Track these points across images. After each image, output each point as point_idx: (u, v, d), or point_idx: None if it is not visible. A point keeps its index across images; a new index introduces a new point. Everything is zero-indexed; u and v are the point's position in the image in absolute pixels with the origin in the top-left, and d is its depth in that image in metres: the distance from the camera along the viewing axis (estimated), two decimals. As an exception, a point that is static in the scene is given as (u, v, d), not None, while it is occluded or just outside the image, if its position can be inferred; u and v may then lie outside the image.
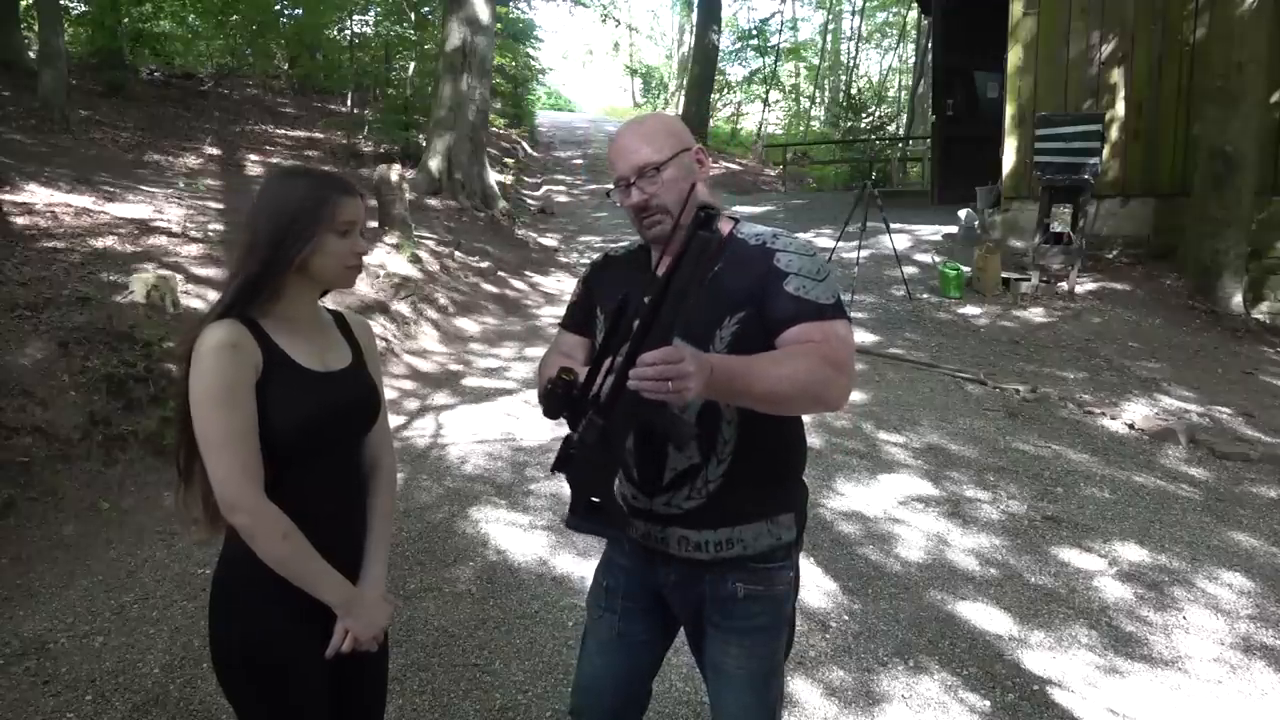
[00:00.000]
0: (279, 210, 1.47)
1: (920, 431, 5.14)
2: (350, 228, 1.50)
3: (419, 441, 4.88)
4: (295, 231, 1.45)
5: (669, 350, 1.23)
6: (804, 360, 1.41)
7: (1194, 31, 8.79)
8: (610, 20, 27.24)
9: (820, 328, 1.46)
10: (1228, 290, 7.94)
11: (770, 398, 1.39)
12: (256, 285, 1.46)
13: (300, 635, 1.51)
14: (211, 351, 1.41)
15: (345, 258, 1.51)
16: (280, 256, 1.46)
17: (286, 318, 1.51)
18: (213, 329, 1.43)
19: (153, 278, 5.13)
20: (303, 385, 1.48)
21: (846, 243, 8.88)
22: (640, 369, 1.22)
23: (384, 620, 1.59)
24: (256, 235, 1.47)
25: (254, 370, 1.43)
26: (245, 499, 1.41)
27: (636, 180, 1.54)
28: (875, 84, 32.02)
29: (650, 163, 1.53)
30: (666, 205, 1.53)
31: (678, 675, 2.77)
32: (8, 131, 8.79)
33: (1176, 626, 3.19)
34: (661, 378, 1.21)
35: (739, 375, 1.35)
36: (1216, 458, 4.88)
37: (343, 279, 1.54)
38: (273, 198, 1.48)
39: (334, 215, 1.47)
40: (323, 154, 12.48)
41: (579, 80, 51.73)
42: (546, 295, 9.05)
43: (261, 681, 1.49)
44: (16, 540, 3.46)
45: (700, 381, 1.25)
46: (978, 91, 12.93)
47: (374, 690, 1.70)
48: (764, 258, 1.54)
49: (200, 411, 1.41)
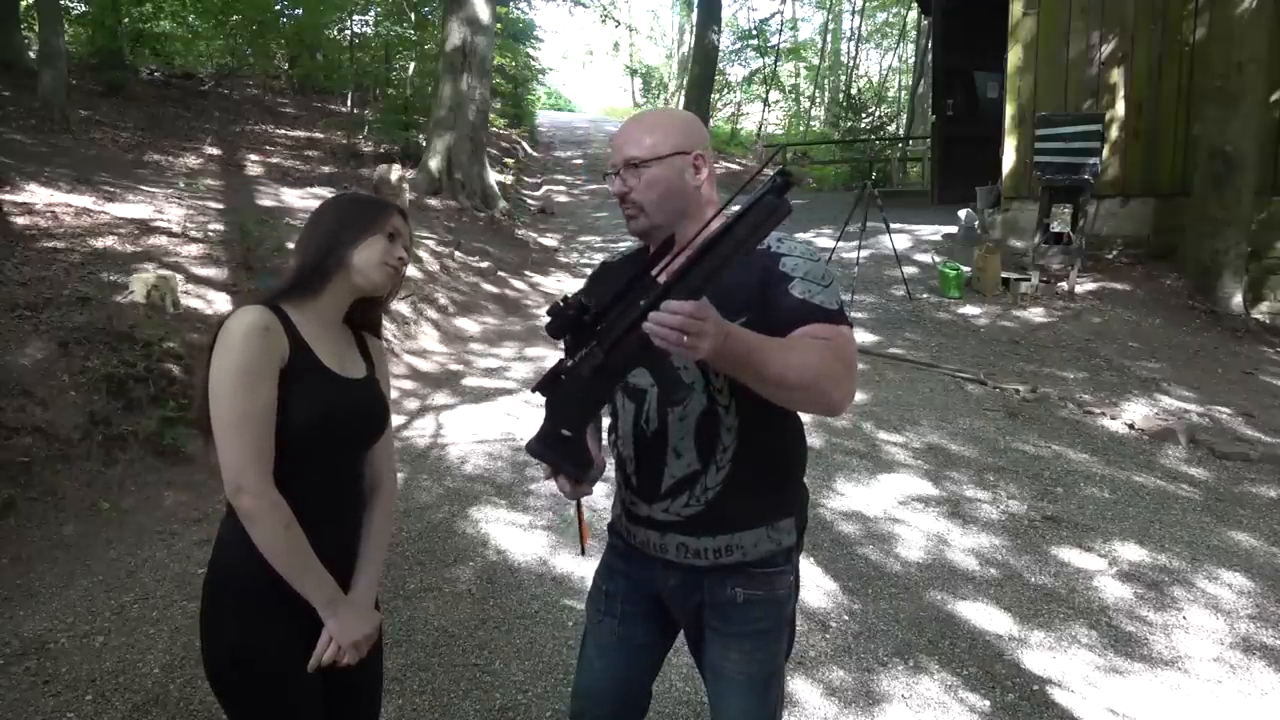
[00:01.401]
0: (339, 215, 1.58)
1: (920, 431, 5.14)
2: (397, 234, 1.59)
3: (419, 441, 4.88)
4: (351, 228, 1.55)
5: (697, 305, 1.19)
6: (816, 353, 1.38)
7: (1194, 31, 8.79)
8: (610, 20, 27.17)
9: (826, 332, 1.45)
10: (1228, 290, 7.94)
11: (779, 381, 1.35)
12: (309, 274, 1.53)
13: (291, 642, 1.50)
14: (240, 333, 1.42)
15: (387, 256, 1.57)
16: (335, 246, 1.54)
17: (317, 317, 1.54)
18: (244, 311, 1.45)
19: (153, 278, 5.13)
20: (323, 383, 1.50)
21: (846, 243, 8.88)
22: (661, 314, 1.19)
23: (367, 629, 1.55)
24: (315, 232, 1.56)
25: (280, 358, 1.45)
26: (252, 482, 1.41)
27: (621, 170, 1.54)
28: (875, 84, 32.01)
29: (635, 157, 1.53)
30: (641, 202, 1.53)
31: (678, 675, 2.77)
32: (8, 131, 8.78)
33: (1176, 626, 3.19)
34: (681, 329, 1.18)
35: (754, 350, 1.31)
36: (1216, 458, 4.88)
37: (377, 275, 1.57)
38: (333, 208, 1.60)
39: (386, 222, 1.58)
40: (323, 154, 12.47)
41: (579, 80, 51.83)
42: (546, 295, 9.05)
43: (254, 686, 1.49)
44: (16, 540, 3.46)
45: (714, 344, 1.22)
46: (978, 91, 12.93)
47: (368, 697, 1.69)
48: (768, 260, 1.52)
49: (219, 391, 1.42)
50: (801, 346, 1.40)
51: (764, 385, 1.36)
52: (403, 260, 1.60)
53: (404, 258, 1.60)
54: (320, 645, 1.50)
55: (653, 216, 1.55)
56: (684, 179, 1.55)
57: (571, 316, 1.35)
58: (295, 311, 1.51)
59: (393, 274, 1.59)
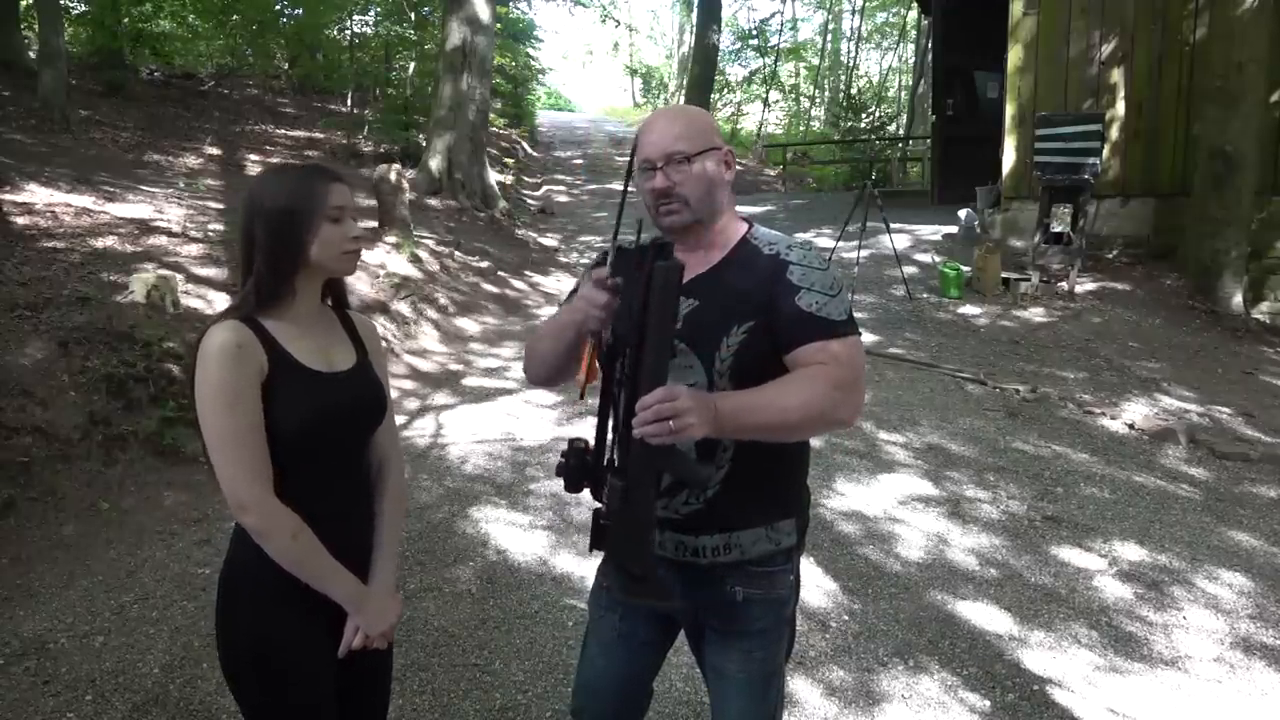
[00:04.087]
0: (271, 209, 1.47)
1: (920, 431, 5.14)
2: (341, 213, 1.50)
3: (419, 441, 4.88)
4: (293, 227, 1.46)
5: (662, 391, 1.26)
6: (811, 387, 1.41)
7: (1194, 31, 8.79)
8: (610, 20, 27.21)
9: (832, 348, 1.46)
10: (1228, 290, 7.94)
11: (785, 426, 1.42)
12: (270, 287, 1.47)
13: (308, 636, 1.51)
14: (216, 353, 1.41)
15: (341, 243, 1.51)
16: (287, 254, 1.47)
17: (291, 318, 1.51)
18: (217, 330, 1.44)
19: (153, 278, 5.13)
20: (307, 386, 1.49)
21: (846, 243, 8.88)
22: (639, 414, 1.25)
23: (394, 617, 1.60)
24: (256, 238, 1.48)
25: (259, 371, 1.44)
26: (253, 499, 1.41)
27: (664, 165, 1.52)
28: (875, 84, 32.00)
29: (681, 151, 1.52)
30: (687, 197, 1.53)
31: (678, 675, 2.77)
32: (8, 131, 8.78)
33: (1176, 626, 3.19)
34: (660, 418, 1.24)
35: (746, 410, 1.38)
36: (1216, 458, 4.88)
37: (342, 264, 1.54)
38: (263, 199, 1.48)
39: (325, 203, 1.48)
40: (323, 154, 12.48)
41: (579, 80, 51.82)
42: (546, 295, 9.05)
43: (270, 682, 1.49)
44: (16, 540, 3.46)
45: (703, 418, 1.29)
46: (978, 91, 12.92)
47: (379, 689, 1.70)
48: (776, 269, 1.52)
49: (206, 412, 1.42)
50: (800, 382, 1.43)
51: (774, 435, 1.44)
52: (359, 238, 1.55)
53: (359, 235, 1.55)
54: (348, 633, 1.53)
55: (696, 210, 1.54)
56: (720, 175, 1.57)
57: (575, 466, 1.41)
58: (269, 318, 1.49)
59: (355, 254, 1.55)
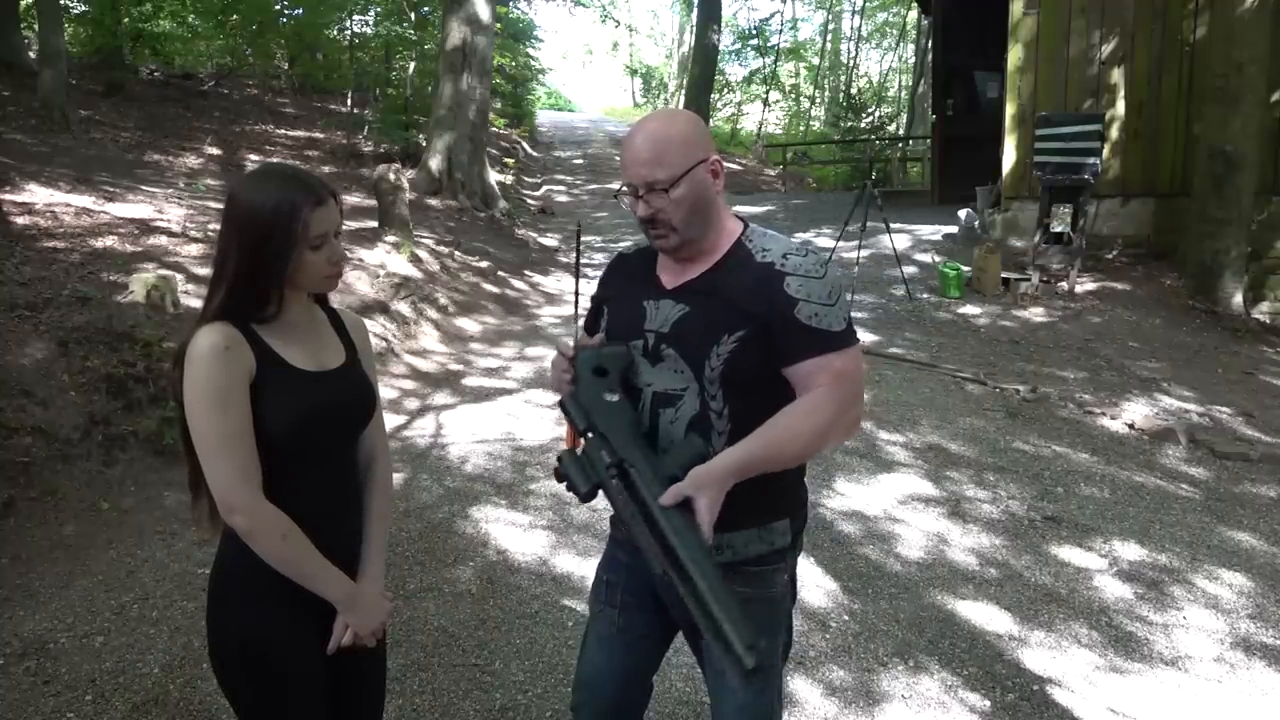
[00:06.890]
0: (252, 224, 1.43)
1: (920, 431, 5.14)
2: (323, 240, 1.46)
3: (419, 441, 4.88)
4: (271, 251, 1.43)
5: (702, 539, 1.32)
6: (819, 417, 1.46)
7: (1194, 31, 8.79)
8: (610, 20, 27.23)
9: (834, 365, 1.48)
10: (1228, 290, 7.94)
11: (796, 459, 1.53)
12: (244, 296, 1.46)
13: (298, 635, 1.51)
14: (204, 355, 1.41)
15: (322, 269, 1.50)
16: (265, 275, 1.45)
17: (277, 319, 1.51)
18: (204, 332, 1.43)
19: (153, 278, 5.13)
20: (296, 386, 1.48)
21: (846, 243, 8.88)
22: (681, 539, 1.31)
23: (383, 616, 1.60)
24: (232, 249, 1.45)
25: (247, 372, 1.43)
26: (242, 501, 1.41)
27: (645, 194, 1.52)
28: (875, 84, 32.04)
29: (659, 181, 1.50)
30: (673, 223, 1.52)
31: (678, 675, 2.77)
32: (8, 131, 8.78)
33: (1176, 626, 3.19)
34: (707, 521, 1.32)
35: (757, 461, 1.43)
36: (1216, 458, 4.88)
37: (322, 286, 1.55)
38: (245, 209, 1.44)
39: (306, 231, 1.43)
40: (323, 154, 12.48)
41: (579, 80, 51.62)
42: (547, 295, 9.05)
43: (261, 682, 1.50)
44: (16, 540, 3.46)
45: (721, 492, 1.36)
46: (978, 91, 12.93)
47: (372, 689, 1.70)
48: (772, 280, 1.51)
49: (195, 415, 1.42)
50: (801, 414, 1.47)
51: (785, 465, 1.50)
52: (339, 261, 1.52)
53: (339, 259, 1.52)
54: (336, 632, 1.53)
55: (684, 233, 1.54)
56: (708, 189, 1.55)
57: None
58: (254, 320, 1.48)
59: (335, 278, 1.54)
